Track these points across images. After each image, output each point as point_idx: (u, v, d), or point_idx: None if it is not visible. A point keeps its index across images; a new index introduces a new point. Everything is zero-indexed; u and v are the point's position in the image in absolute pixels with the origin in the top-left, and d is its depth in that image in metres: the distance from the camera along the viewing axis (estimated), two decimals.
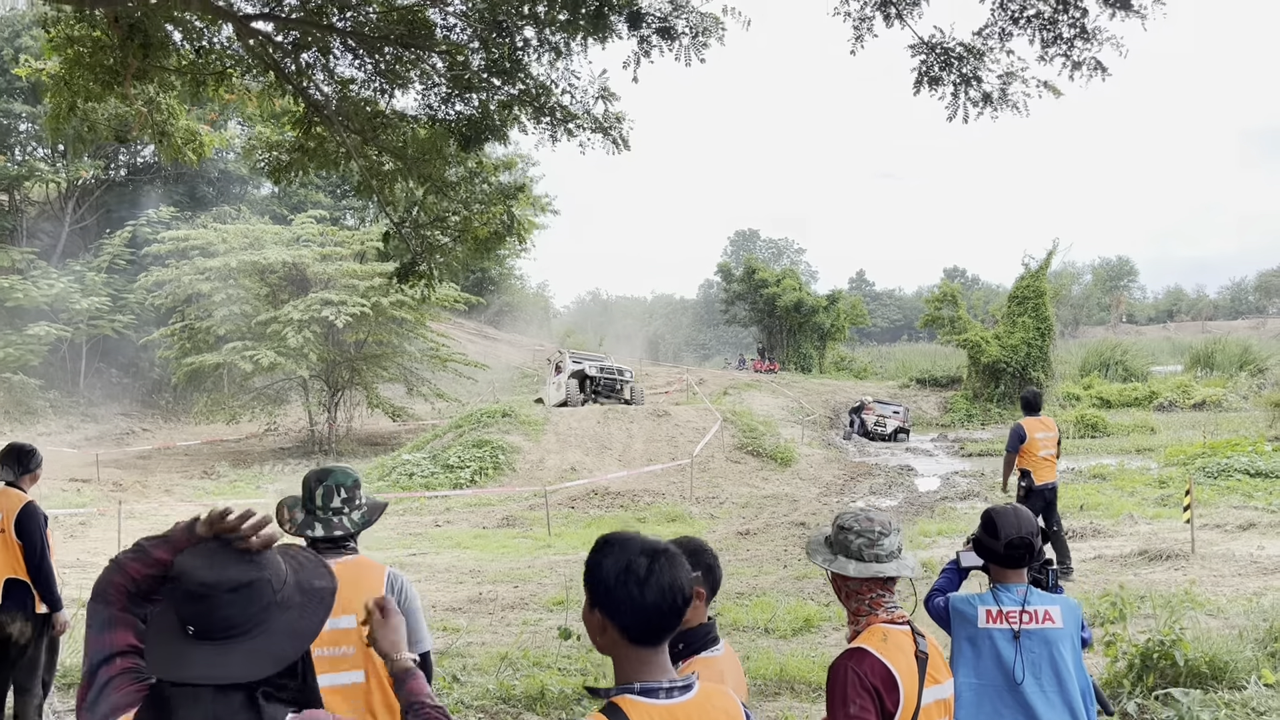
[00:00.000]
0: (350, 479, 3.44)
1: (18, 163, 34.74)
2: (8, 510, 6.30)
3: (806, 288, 59.10)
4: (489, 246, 9.49)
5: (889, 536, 3.11)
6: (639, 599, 2.08)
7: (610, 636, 2.13)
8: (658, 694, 2.12)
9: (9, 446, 6.53)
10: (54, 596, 6.44)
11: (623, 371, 32.60)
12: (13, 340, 30.32)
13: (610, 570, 2.12)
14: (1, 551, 6.28)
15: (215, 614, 1.80)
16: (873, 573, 3.09)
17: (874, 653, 3.00)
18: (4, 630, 6.33)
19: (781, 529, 16.87)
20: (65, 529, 17.69)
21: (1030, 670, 3.62)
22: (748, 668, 8.32)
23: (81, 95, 9.13)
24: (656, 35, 7.15)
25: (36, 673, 6.44)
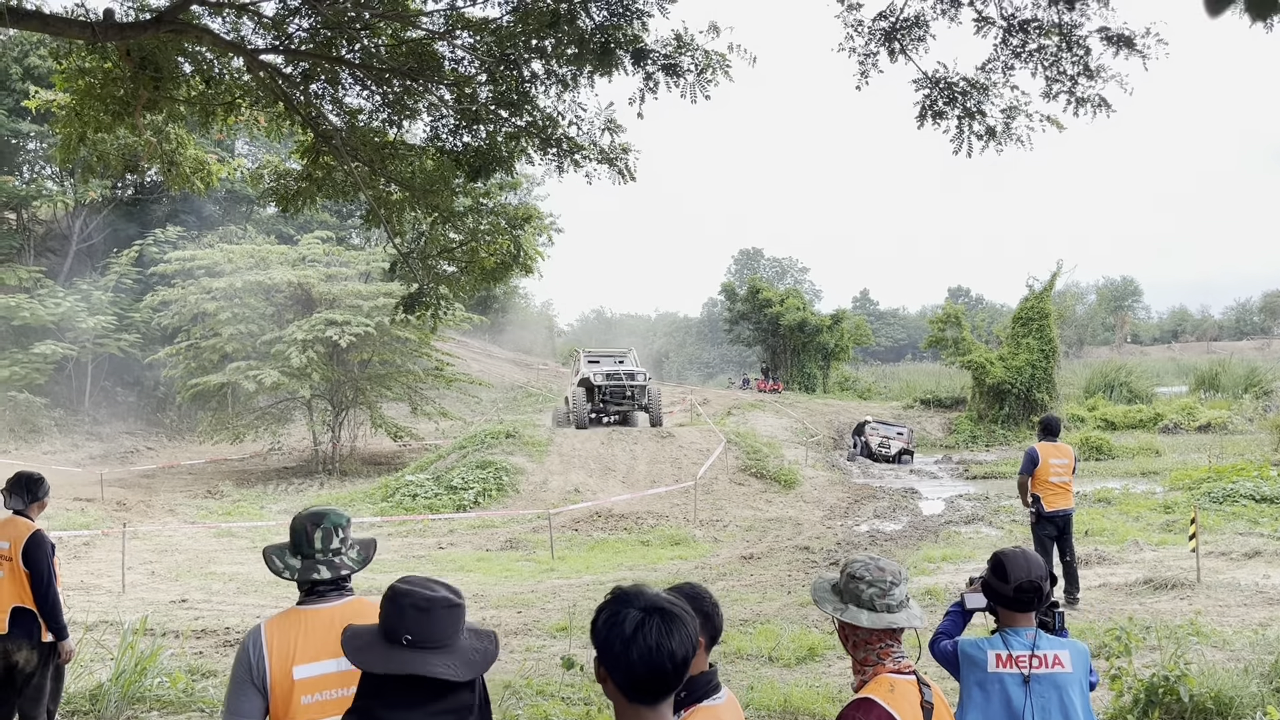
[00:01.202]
0: (344, 519, 3.50)
1: (26, 182, 34.96)
2: (15, 539, 6.35)
3: (810, 307, 59.14)
4: (496, 276, 9.56)
5: (899, 586, 3.14)
6: (624, 656, 2.10)
7: (610, 689, 2.18)
8: None
9: (17, 475, 6.58)
10: (60, 625, 6.48)
11: (634, 375, 28.86)
12: (19, 359, 30.41)
13: (603, 625, 2.16)
14: (9, 580, 6.32)
15: (432, 625, 2.28)
16: (886, 624, 3.11)
17: (882, 704, 3.01)
18: (10, 658, 6.36)
19: (785, 553, 16.84)
20: (69, 550, 17.70)
21: (1040, 715, 3.62)
22: (751, 698, 8.31)
23: (92, 126, 9.23)
24: (661, 72, 7.22)
25: (42, 701, 6.46)
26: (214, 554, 18.01)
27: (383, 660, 2.28)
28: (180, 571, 16.13)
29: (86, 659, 9.03)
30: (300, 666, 3.32)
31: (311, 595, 3.45)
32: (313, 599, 3.45)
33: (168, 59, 8.27)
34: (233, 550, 18.42)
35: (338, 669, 3.29)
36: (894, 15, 7.19)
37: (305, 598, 3.47)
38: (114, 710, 8.02)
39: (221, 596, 14.00)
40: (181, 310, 29.72)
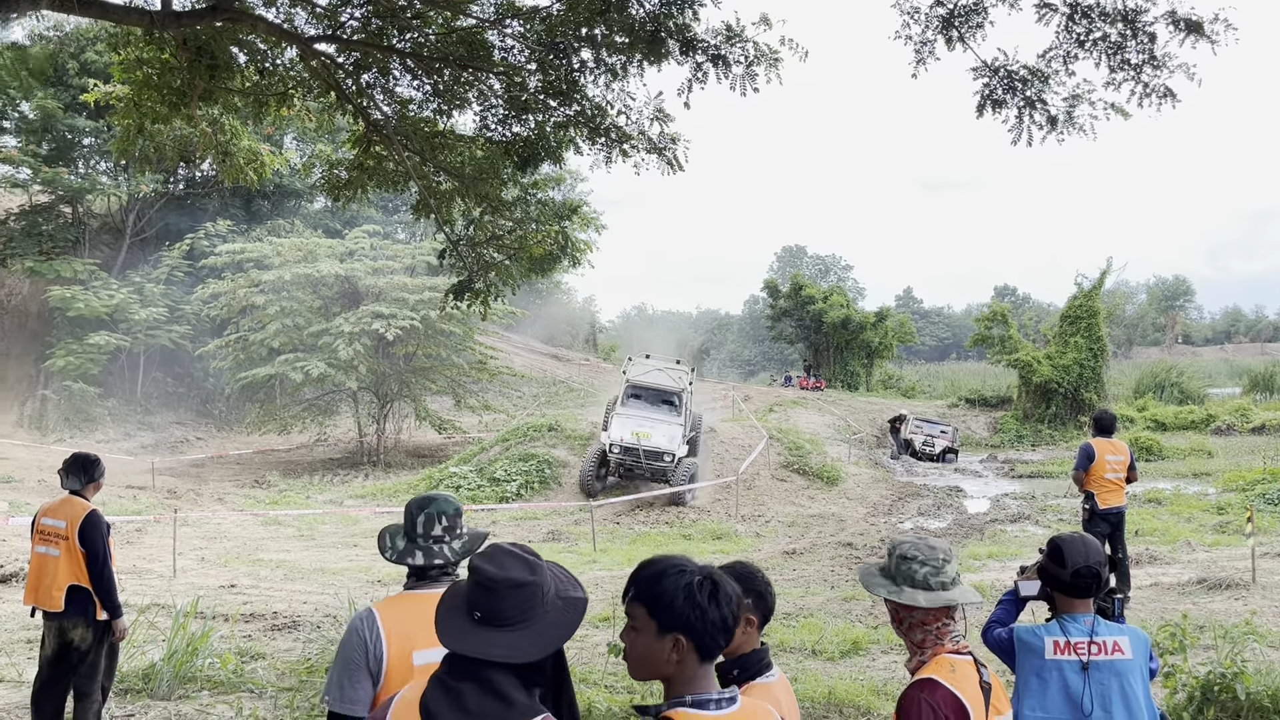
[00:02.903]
0: (452, 508, 3.39)
1: (81, 176, 35.61)
2: (72, 518, 6.47)
3: (854, 305, 58.72)
4: (544, 266, 9.59)
5: (951, 563, 3.10)
6: (705, 617, 2.21)
7: (683, 655, 2.23)
8: (708, 705, 2.24)
9: (74, 456, 6.70)
10: (114, 603, 6.59)
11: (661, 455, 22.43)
12: (74, 349, 31.02)
13: (680, 594, 2.23)
14: (66, 558, 6.45)
15: (497, 604, 2.26)
16: (944, 601, 3.07)
17: (945, 684, 2.99)
18: (66, 636, 6.49)
19: (828, 549, 16.75)
20: (122, 536, 18.05)
21: (1099, 703, 3.53)
22: (795, 690, 8.26)
23: (150, 117, 9.37)
24: (710, 63, 7.19)
25: (96, 678, 6.58)
26: (261, 541, 18.29)
27: (454, 635, 2.31)
28: (228, 558, 16.38)
29: (139, 639, 9.18)
30: (421, 652, 3.20)
31: (423, 580, 3.34)
32: (424, 583, 3.34)
33: (222, 49, 8.38)
34: (279, 538, 18.68)
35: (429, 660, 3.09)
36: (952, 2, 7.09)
37: (415, 582, 3.37)
38: (166, 689, 8.16)
39: (269, 582, 14.19)
40: (231, 303, 30.16)
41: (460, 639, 2.28)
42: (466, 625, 2.30)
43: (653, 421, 22.80)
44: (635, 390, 23.82)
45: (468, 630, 2.29)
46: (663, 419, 22.91)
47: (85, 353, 30.88)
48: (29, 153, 34.50)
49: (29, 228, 34.90)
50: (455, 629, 2.31)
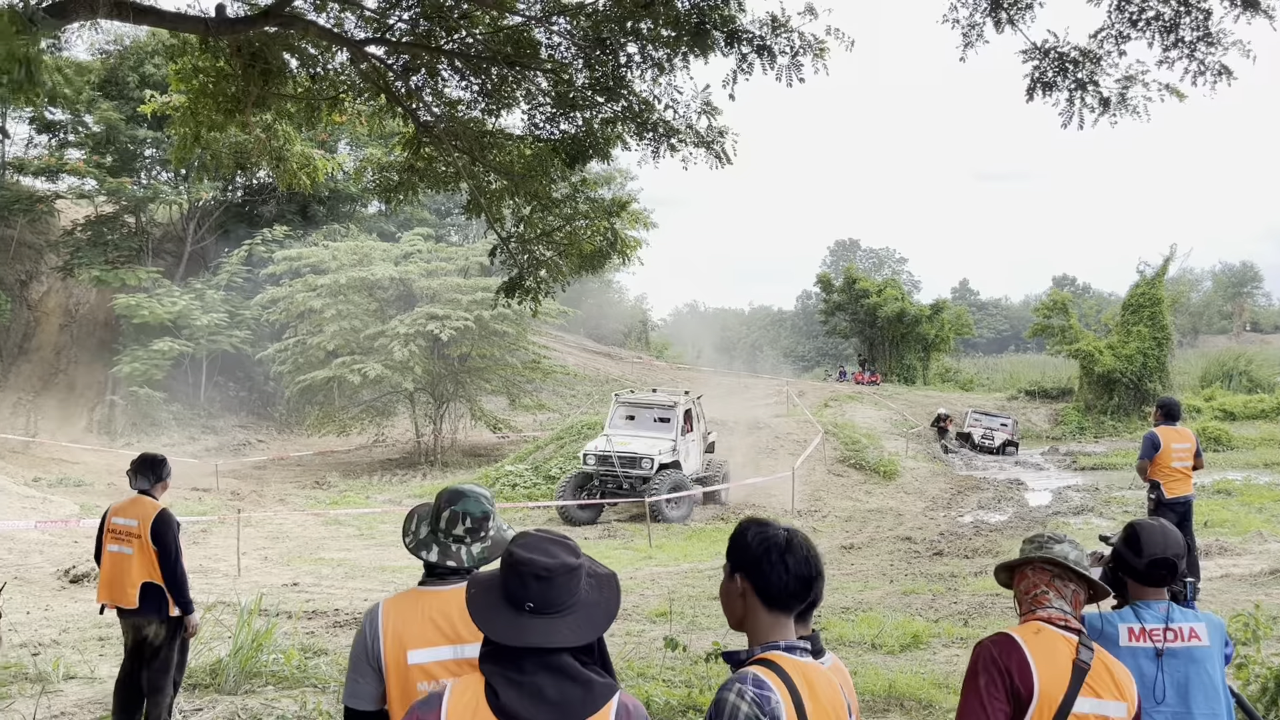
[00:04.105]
0: (480, 509, 3.27)
1: (143, 186, 36.49)
2: (143, 517, 6.62)
3: (909, 298, 58.07)
4: (593, 263, 9.60)
5: (1060, 544, 3.16)
6: (779, 565, 2.36)
7: (749, 601, 2.40)
8: (796, 651, 2.39)
9: (141, 457, 6.86)
10: (186, 599, 6.74)
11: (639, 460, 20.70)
12: (139, 355, 31.80)
13: (755, 540, 2.40)
14: (139, 556, 6.60)
15: (552, 592, 2.25)
16: (1029, 558, 3.17)
17: (1020, 642, 3.02)
18: (140, 632, 6.65)
19: (886, 543, 16.60)
20: (188, 536, 18.34)
21: (1174, 690, 3.44)
22: (855, 683, 8.20)
23: (205, 125, 9.55)
24: (755, 54, 7.15)
25: (168, 673, 6.73)
26: (322, 540, 18.59)
27: (511, 631, 2.26)
28: (291, 557, 16.68)
29: (206, 636, 9.38)
30: (415, 651, 3.16)
31: (433, 576, 3.26)
32: (434, 580, 3.26)
33: (275, 55, 8.52)
34: (340, 537, 18.97)
35: (454, 656, 3.13)
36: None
37: (426, 578, 3.30)
38: (233, 684, 8.33)
39: (330, 581, 14.43)
40: (289, 307, 30.69)
41: (524, 633, 2.25)
42: (522, 619, 2.26)
43: (639, 439, 21.47)
44: (629, 411, 22.71)
45: (526, 623, 2.25)
46: (649, 434, 21.59)
47: (150, 359, 31.63)
48: (94, 164, 35.46)
49: (95, 238, 35.85)
50: (511, 624, 2.27)
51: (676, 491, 20.49)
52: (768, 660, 2.35)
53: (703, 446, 22.87)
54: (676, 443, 21.31)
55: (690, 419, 22.23)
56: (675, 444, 21.26)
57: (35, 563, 14.33)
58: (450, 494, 3.31)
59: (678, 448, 21.27)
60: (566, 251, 9.13)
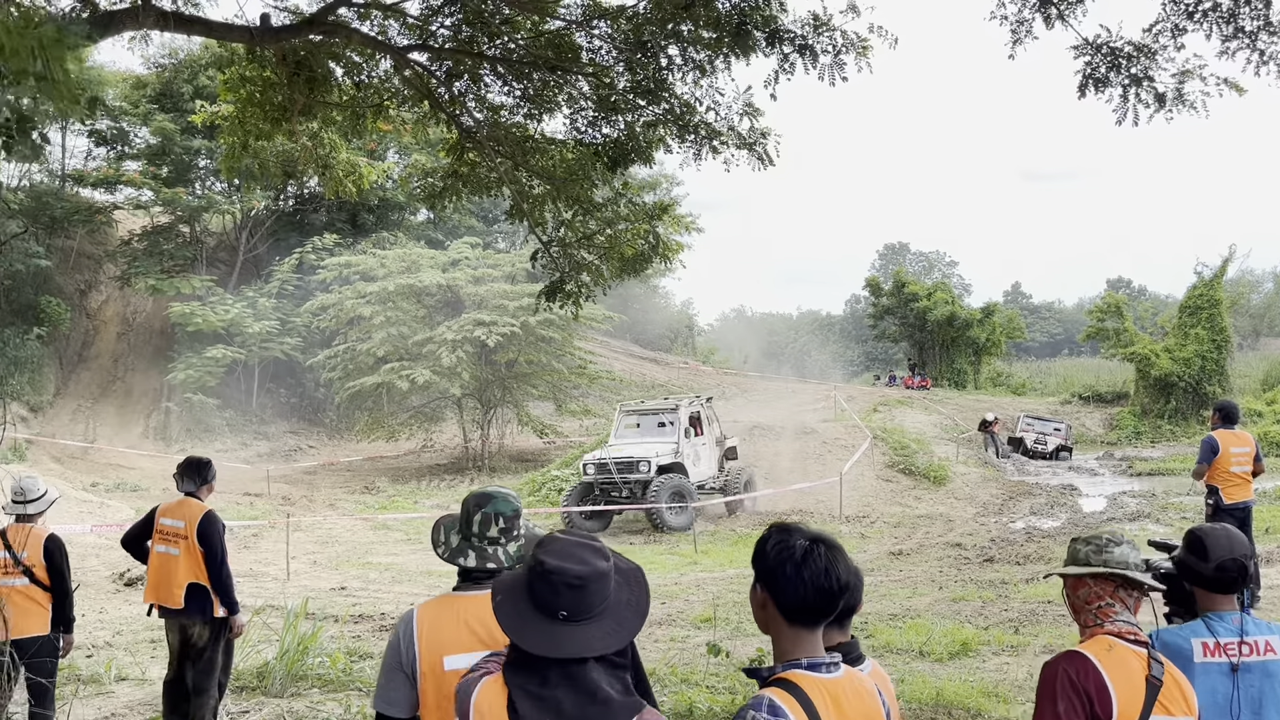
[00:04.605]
0: (510, 508, 3.25)
1: (198, 196, 37.18)
2: (189, 518, 6.72)
3: (959, 301, 57.31)
4: (635, 267, 9.58)
5: (1120, 546, 3.00)
6: (795, 579, 2.24)
7: (770, 613, 2.31)
8: (821, 669, 2.30)
9: (187, 460, 6.96)
10: (232, 600, 6.82)
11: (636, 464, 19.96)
12: (194, 363, 32.37)
13: (772, 549, 2.31)
14: (185, 557, 6.69)
15: (586, 599, 2.21)
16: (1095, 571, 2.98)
17: (1093, 660, 2.88)
18: (185, 633, 6.73)
19: (936, 549, 16.37)
20: (239, 540, 18.73)
21: (1249, 708, 3.24)
22: (901, 691, 8.07)
23: (253, 134, 9.68)
24: (797, 53, 7.08)
25: (213, 674, 6.80)
26: (371, 545, 18.75)
27: (545, 642, 2.22)
28: (339, 561, 16.84)
29: (254, 639, 9.49)
30: (451, 657, 3.13)
31: (468, 581, 3.24)
32: (469, 585, 3.24)
33: (320, 63, 8.61)
34: (388, 542, 19.13)
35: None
36: None
37: (461, 583, 3.28)
38: (279, 686, 8.41)
39: (378, 585, 14.54)
40: (338, 314, 31.07)
41: (558, 643, 2.20)
42: (555, 628, 2.21)
43: (639, 444, 20.87)
44: (633, 420, 22.23)
45: (560, 632, 2.21)
46: (650, 440, 21.01)
47: (204, 366, 32.19)
48: (150, 176, 36.23)
49: (151, 247, 36.60)
50: (544, 634, 2.22)
51: (679, 497, 19.74)
52: (787, 680, 2.26)
53: (718, 451, 22.17)
54: (679, 445, 20.66)
55: (698, 422, 21.60)
56: (677, 447, 20.60)
57: (91, 566, 14.61)
58: (478, 497, 3.30)
59: (681, 450, 20.61)
60: (607, 255, 9.10)
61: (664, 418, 21.46)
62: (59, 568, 6.58)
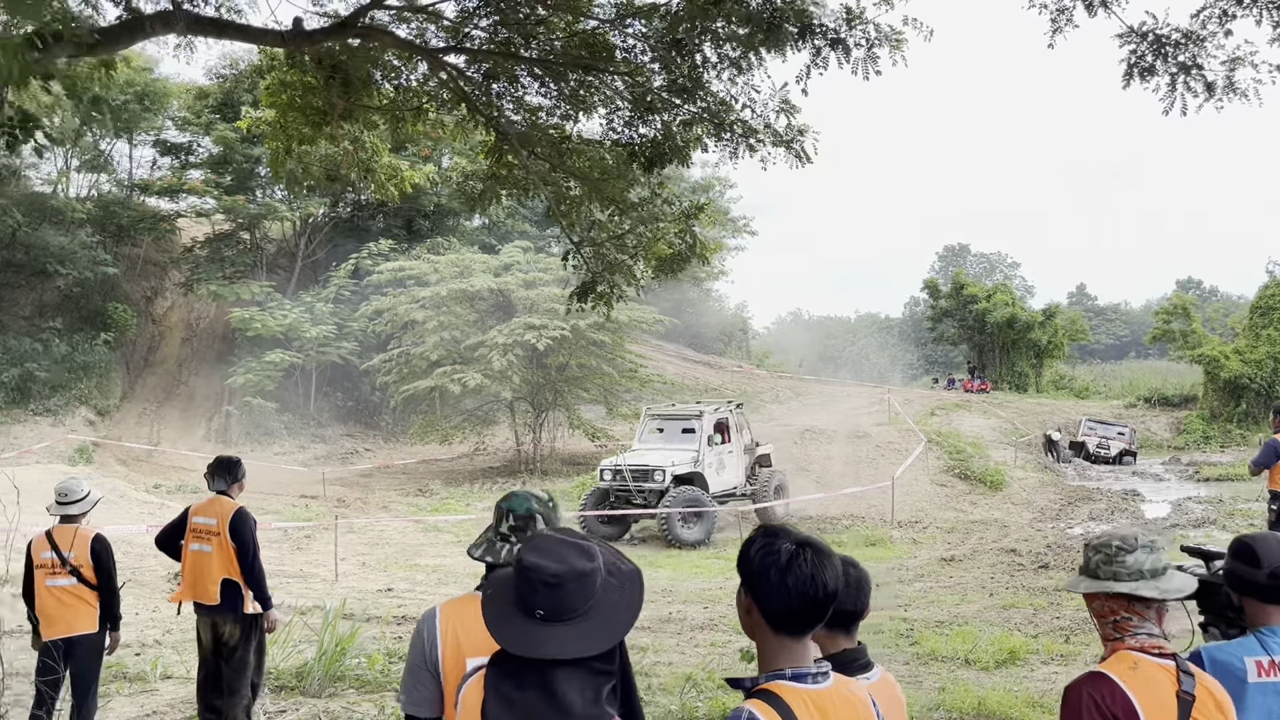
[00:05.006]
0: (524, 507, 3.25)
1: (258, 203, 37.89)
2: (221, 515, 6.80)
3: (1020, 303, 56.25)
4: (672, 267, 9.50)
5: (1132, 554, 2.76)
6: (778, 584, 2.15)
7: (755, 619, 2.23)
8: (806, 679, 2.20)
9: (217, 460, 7.06)
10: (265, 594, 6.91)
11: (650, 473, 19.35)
12: (253, 367, 32.94)
13: (756, 554, 2.21)
14: (218, 554, 6.78)
15: (565, 600, 2.15)
16: (1100, 589, 2.77)
17: (1116, 680, 2.67)
18: (217, 630, 6.81)
19: (989, 555, 16.02)
20: (293, 542, 19.00)
21: None
22: (943, 700, 7.87)
23: (295, 139, 9.80)
24: (829, 47, 6.96)
25: (245, 674, 6.86)
26: (420, 547, 18.89)
27: (520, 640, 2.18)
28: (388, 563, 16.98)
29: (296, 639, 9.58)
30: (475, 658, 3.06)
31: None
32: None
33: (357, 66, 8.67)
34: (438, 544, 19.25)
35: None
36: None
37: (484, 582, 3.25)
38: (317, 687, 8.47)
39: (424, 586, 14.62)
40: (393, 319, 31.40)
41: (531, 643, 2.16)
42: (531, 626, 2.17)
43: (659, 451, 20.25)
44: (658, 424, 21.56)
45: (535, 631, 2.16)
46: (674, 447, 20.33)
47: (263, 370, 32.73)
48: (212, 184, 37.02)
49: (212, 254, 37.37)
50: (519, 632, 2.18)
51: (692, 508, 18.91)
52: (769, 692, 2.17)
53: (747, 459, 21.55)
54: (700, 454, 20.00)
55: (726, 429, 20.98)
56: (698, 455, 19.97)
57: (149, 565, 14.89)
58: (505, 496, 3.34)
59: (701, 459, 19.97)
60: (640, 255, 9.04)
61: (689, 423, 20.76)
62: (106, 567, 6.69)
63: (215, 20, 6.83)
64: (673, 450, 20.06)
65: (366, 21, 7.89)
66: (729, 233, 52.67)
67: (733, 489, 20.81)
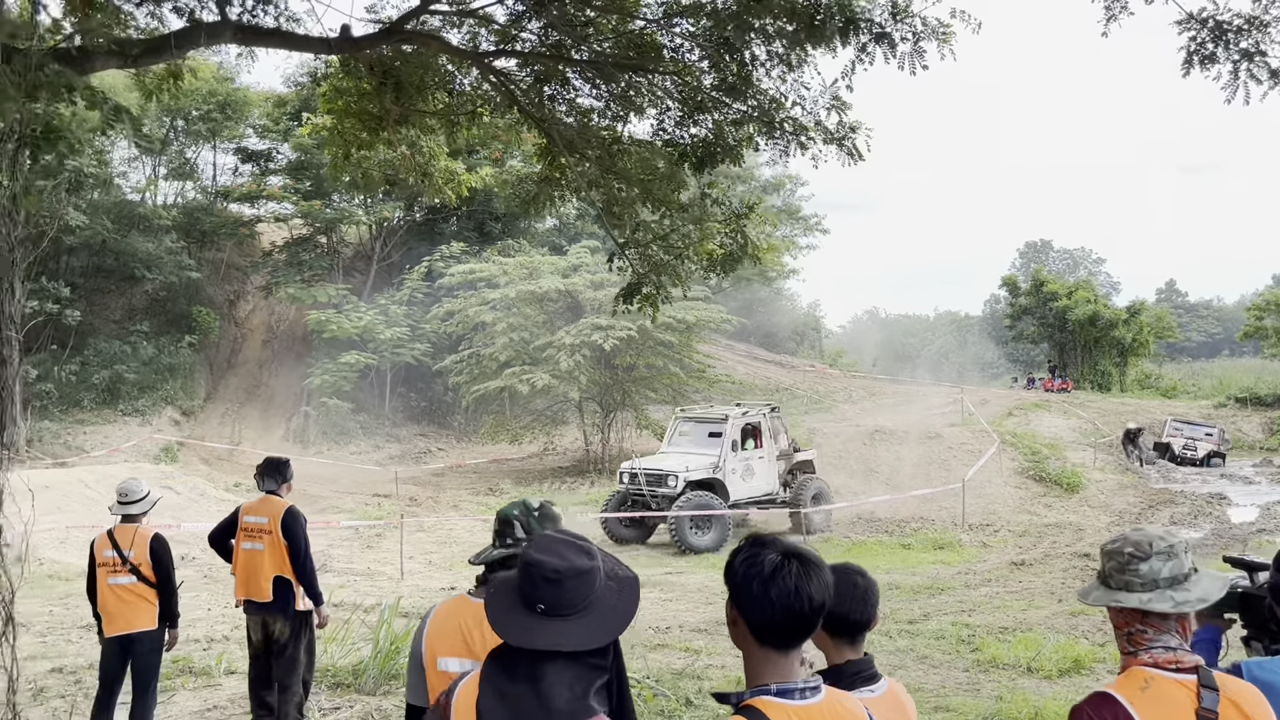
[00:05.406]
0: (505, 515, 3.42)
1: (334, 208, 38.75)
2: (273, 514, 6.96)
3: (1104, 300, 54.67)
4: (723, 267, 9.43)
5: (1146, 561, 2.54)
6: (761, 598, 2.11)
7: (740, 631, 2.19)
8: (793, 695, 2.14)
9: (267, 461, 7.22)
10: (316, 591, 7.04)
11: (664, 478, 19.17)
12: (329, 368, 33.70)
13: (740, 564, 2.18)
14: (270, 551, 6.93)
15: (564, 595, 2.24)
16: (1108, 601, 2.59)
17: (1121, 700, 2.47)
18: (268, 628, 6.96)
19: (1061, 560, 15.59)
20: (363, 540, 19.36)
21: None
22: (998, 709, 7.68)
23: (353, 144, 9.95)
24: (874, 42, 6.83)
25: (296, 671, 7.00)
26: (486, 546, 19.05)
27: (519, 632, 2.26)
28: (454, 561, 17.19)
29: (354, 637, 9.75)
30: (445, 659, 3.24)
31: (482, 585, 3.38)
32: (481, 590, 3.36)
33: (409, 73, 8.77)
34: None
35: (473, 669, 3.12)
36: None
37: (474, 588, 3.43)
38: (372, 684, 8.60)
39: None
40: (464, 320, 31.81)
41: (528, 635, 2.24)
42: (530, 620, 2.25)
43: (682, 455, 19.97)
44: (686, 428, 21.20)
45: (534, 624, 2.24)
46: (693, 451, 20.02)
47: (339, 371, 33.45)
48: (290, 189, 37.95)
49: (291, 258, 38.34)
50: (519, 625, 2.26)
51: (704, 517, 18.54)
52: (752, 708, 2.12)
53: (783, 464, 20.88)
54: (721, 459, 19.49)
55: (757, 434, 20.35)
56: (717, 461, 19.48)
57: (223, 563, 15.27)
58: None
59: (723, 465, 19.47)
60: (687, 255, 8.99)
61: (715, 427, 20.31)
62: (164, 566, 6.88)
63: (259, 29, 6.97)
64: (692, 455, 19.80)
65: (415, 27, 7.98)
66: (800, 230, 52.27)
67: (765, 495, 20.24)
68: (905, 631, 10.84)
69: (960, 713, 7.74)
